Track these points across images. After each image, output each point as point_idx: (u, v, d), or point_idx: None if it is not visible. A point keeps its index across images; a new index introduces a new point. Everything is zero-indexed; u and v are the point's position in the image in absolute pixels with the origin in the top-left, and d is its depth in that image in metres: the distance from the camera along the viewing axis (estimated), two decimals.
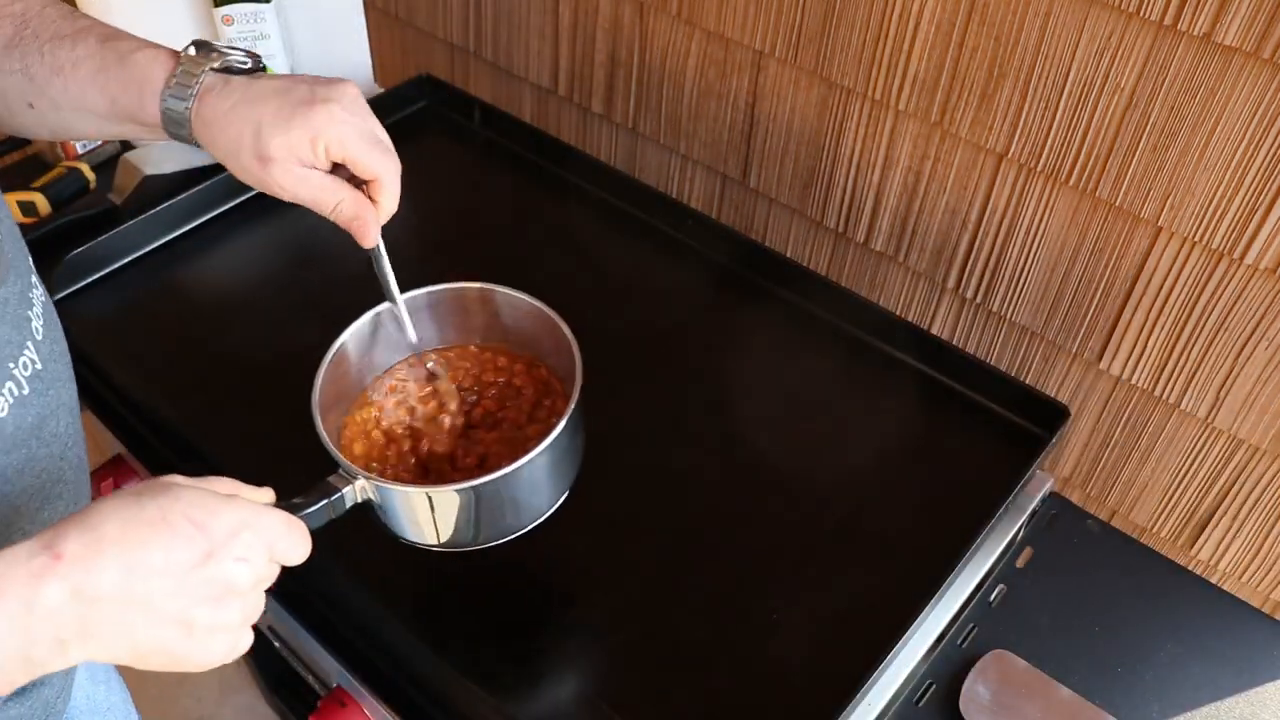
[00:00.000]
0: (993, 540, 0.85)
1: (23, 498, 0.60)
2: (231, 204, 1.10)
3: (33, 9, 0.69)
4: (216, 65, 0.67)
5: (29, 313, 0.62)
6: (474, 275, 0.80)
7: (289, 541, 0.55)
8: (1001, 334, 0.99)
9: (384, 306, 0.76)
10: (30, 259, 0.64)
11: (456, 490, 0.65)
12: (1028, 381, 0.97)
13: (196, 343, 1.00)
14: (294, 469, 0.88)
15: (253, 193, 1.12)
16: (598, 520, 0.84)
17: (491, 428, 0.76)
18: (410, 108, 1.25)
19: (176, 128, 0.67)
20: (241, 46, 0.70)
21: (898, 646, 0.74)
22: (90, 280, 1.05)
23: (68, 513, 0.65)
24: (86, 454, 0.70)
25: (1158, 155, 0.81)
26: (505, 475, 0.65)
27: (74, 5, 1.17)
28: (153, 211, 1.08)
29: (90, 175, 1.16)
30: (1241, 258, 0.80)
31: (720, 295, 1.05)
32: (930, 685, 0.78)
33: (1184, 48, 0.76)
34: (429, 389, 0.77)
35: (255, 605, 0.54)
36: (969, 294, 0.99)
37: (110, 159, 1.20)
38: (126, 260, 1.07)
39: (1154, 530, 0.97)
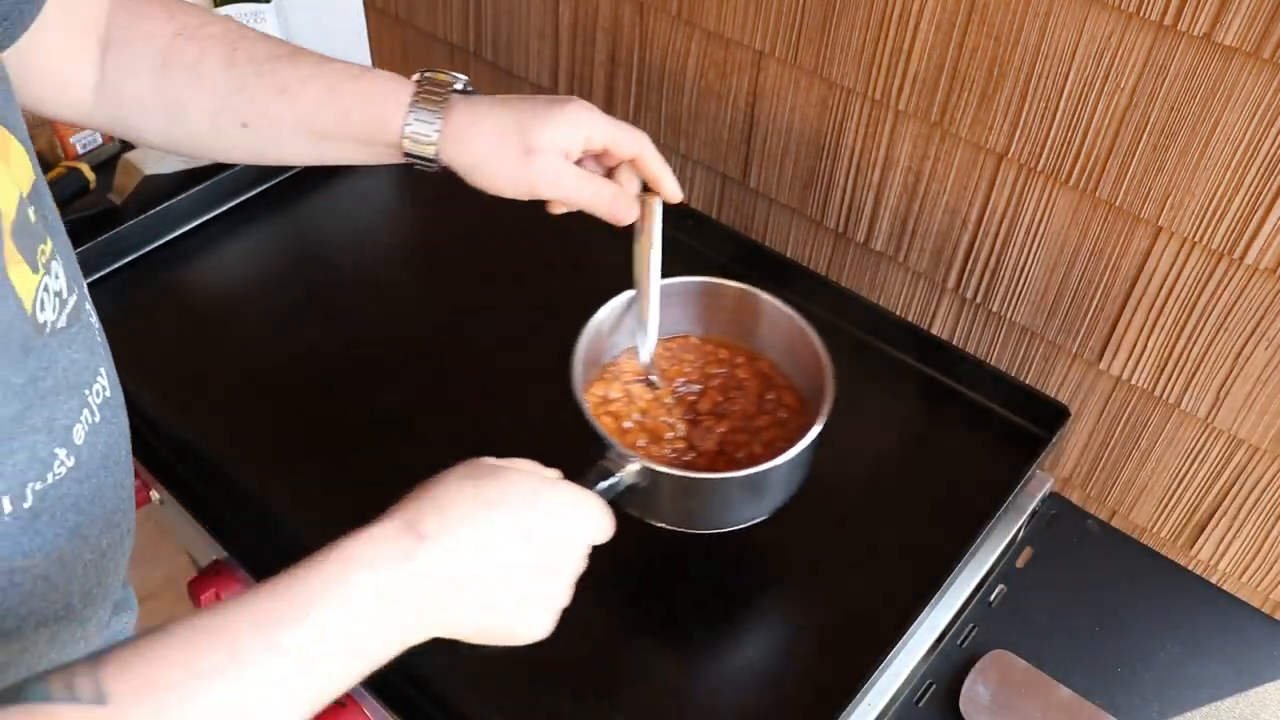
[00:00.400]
0: (993, 540, 0.85)
1: (93, 528, 0.59)
2: (231, 204, 1.10)
3: (233, 30, 0.70)
4: (458, 87, 0.71)
5: (98, 337, 0.61)
6: (486, 276, 0.79)
7: (602, 523, 0.59)
8: (1001, 334, 0.99)
9: (630, 295, 0.79)
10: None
11: (735, 476, 0.69)
12: (1028, 381, 0.97)
13: (197, 343, 1.00)
14: (294, 467, 0.88)
15: (253, 193, 1.12)
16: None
17: (720, 418, 0.78)
18: None
19: (421, 139, 0.70)
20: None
21: (898, 646, 0.74)
22: (90, 280, 1.05)
23: (125, 540, 0.66)
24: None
25: (1158, 155, 0.81)
26: (780, 464, 0.69)
27: None
28: (153, 211, 1.08)
29: (90, 175, 1.16)
30: (1241, 258, 0.80)
31: None
32: (930, 685, 0.78)
33: (1184, 48, 0.76)
34: (651, 396, 0.79)
35: (572, 583, 0.57)
36: (969, 294, 0.99)
37: (110, 159, 1.20)
38: (126, 260, 1.07)
39: (1154, 530, 0.97)
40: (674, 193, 0.76)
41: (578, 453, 0.89)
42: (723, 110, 1.09)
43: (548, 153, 0.69)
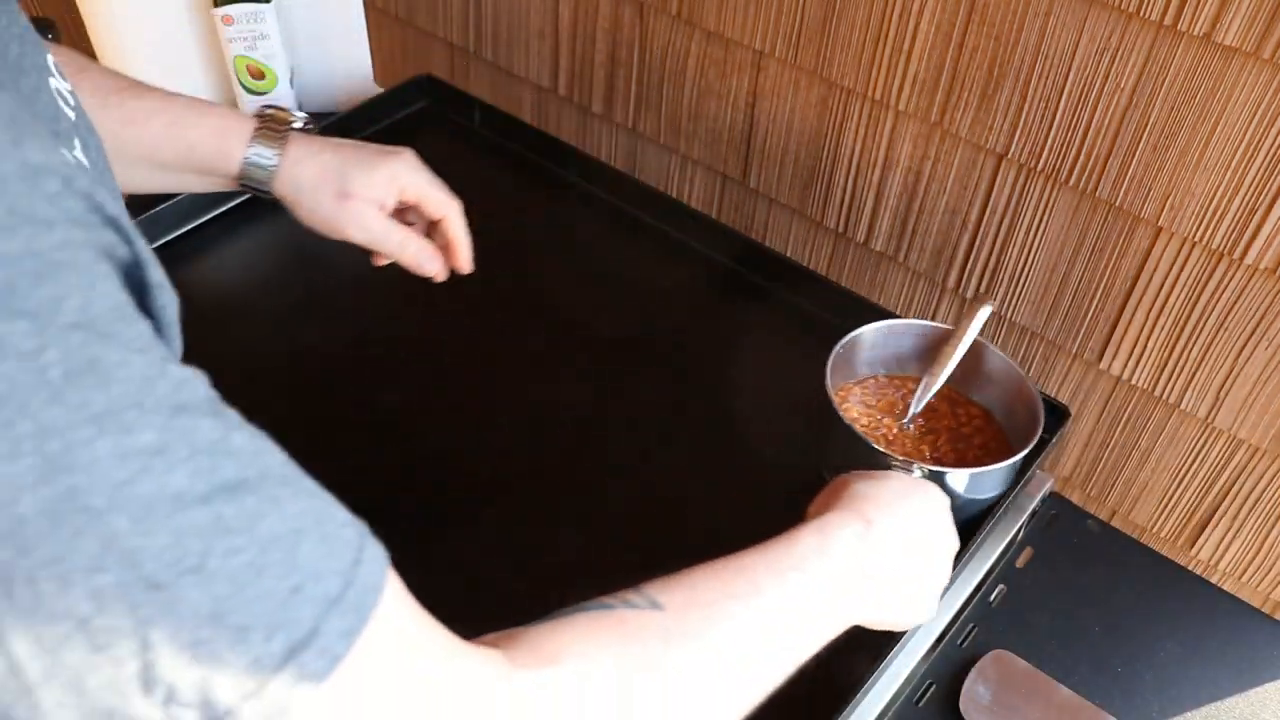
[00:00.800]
0: (993, 540, 0.85)
1: None
2: (231, 204, 1.10)
3: (78, 63, 0.73)
4: (297, 125, 0.77)
5: None
6: (486, 276, 0.80)
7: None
8: (1001, 334, 0.99)
9: (896, 324, 0.88)
10: None
11: (983, 470, 0.79)
12: None
13: (196, 343, 0.99)
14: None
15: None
16: (597, 519, 0.84)
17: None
18: (410, 108, 1.25)
19: (258, 173, 0.77)
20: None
21: (898, 646, 0.74)
22: None
23: None
24: None
25: (1158, 155, 0.81)
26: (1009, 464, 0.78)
27: (76, 7, 1.17)
28: (152, 211, 1.08)
29: None
30: (1241, 258, 0.80)
31: (720, 295, 1.05)
32: (930, 685, 0.78)
33: (1184, 48, 0.76)
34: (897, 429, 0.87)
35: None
36: (969, 294, 0.99)
37: None
38: None
39: (1154, 530, 0.97)
40: (465, 263, 0.81)
41: (577, 452, 0.90)
42: (723, 110, 1.09)
43: (360, 199, 0.75)
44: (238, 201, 1.13)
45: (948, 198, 0.96)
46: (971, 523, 0.81)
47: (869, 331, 0.87)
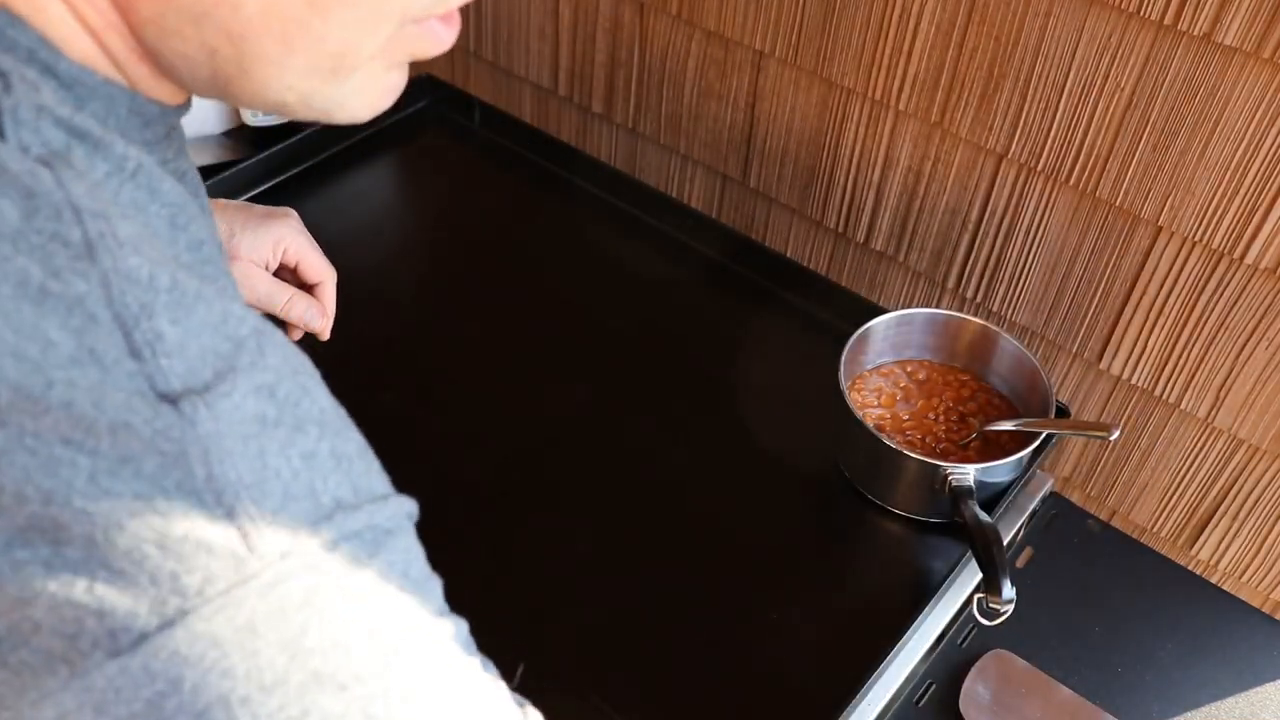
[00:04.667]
0: None
1: None
2: None
3: None
4: None
5: None
6: (486, 276, 0.79)
7: None
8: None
9: (915, 312, 0.90)
10: None
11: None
12: None
13: None
14: None
15: (252, 193, 1.12)
16: (597, 519, 0.84)
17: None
18: (410, 108, 1.25)
19: None
20: None
21: (898, 646, 0.74)
22: None
23: None
24: None
25: (1158, 155, 0.81)
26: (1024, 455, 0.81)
27: None
28: None
29: None
30: (1241, 258, 0.80)
31: (720, 295, 1.05)
32: (930, 685, 0.78)
33: (1184, 48, 0.76)
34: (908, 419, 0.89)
35: None
36: (969, 294, 0.99)
37: None
38: None
39: (1154, 530, 0.97)
40: (325, 331, 0.80)
41: (577, 451, 0.90)
42: (723, 110, 1.09)
43: (244, 261, 0.75)
44: (237, 202, 1.13)
45: (948, 198, 0.96)
46: (987, 505, 0.82)
47: (879, 324, 0.89)
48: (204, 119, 1.21)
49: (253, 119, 1.20)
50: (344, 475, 0.36)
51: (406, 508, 0.39)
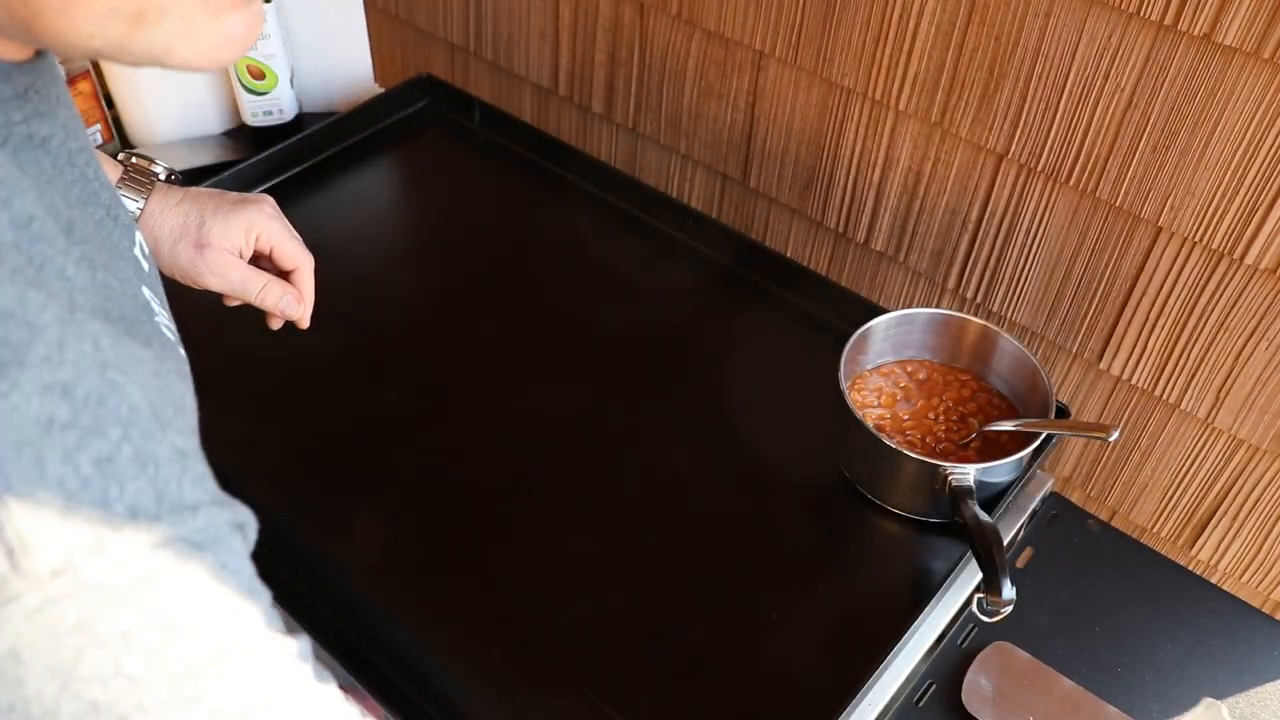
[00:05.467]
0: None
1: None
2: None
3: None
4: (161, 175, 0.76)
5: None
6: (486, 276, 0.79)
7: None
8: None
9: (915, 312, 0.90)
10: None
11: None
12: None
13: (195, 343, 0.99)
14: (293, 468, 0.88)
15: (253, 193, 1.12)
16: (597, 520, 0.84)
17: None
18: (410, 108, 1.25)
19: None
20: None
21: (898, 646, 0.74)
22: None
23: None
24: None
25: (1158, 155, 0.81)
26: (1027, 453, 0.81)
27: None
28: None
29: None
30: (1241, 258, 0.80)
31: (720, 295, 1.05)
32: (930, 685, 0.78)
33: (1184, 48, 0.76)
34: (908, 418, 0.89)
35: None
36: (969, 294, 0.99)
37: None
38: None
39: (1154, 530, 0.97)
40: (305, 318, 0.79)
41: (576, 450, 0.90)
42: (723, 110, 1.09)
43: (216, 249, 0.74)
44: None
45: (948, 198, 0.96)
46: (987, 505, 0.82)
47: (879, 324, 0.89)
48: (204, 119, 1.21)
49: (253, 119, 1.20)
50: (147, 481, 0.32)
51: (230, 517, 0.35)
